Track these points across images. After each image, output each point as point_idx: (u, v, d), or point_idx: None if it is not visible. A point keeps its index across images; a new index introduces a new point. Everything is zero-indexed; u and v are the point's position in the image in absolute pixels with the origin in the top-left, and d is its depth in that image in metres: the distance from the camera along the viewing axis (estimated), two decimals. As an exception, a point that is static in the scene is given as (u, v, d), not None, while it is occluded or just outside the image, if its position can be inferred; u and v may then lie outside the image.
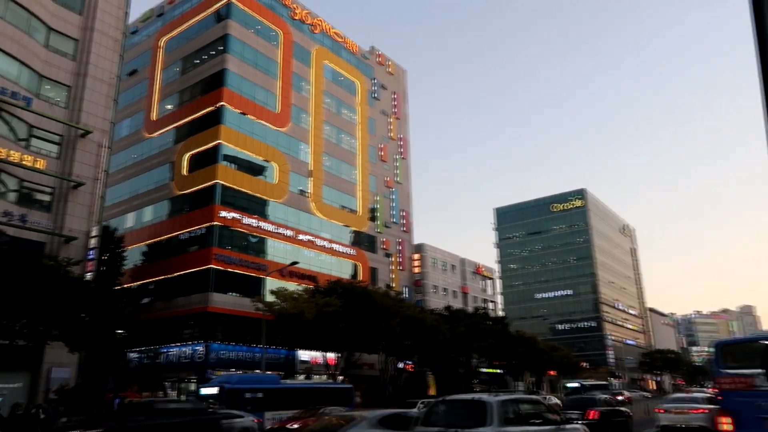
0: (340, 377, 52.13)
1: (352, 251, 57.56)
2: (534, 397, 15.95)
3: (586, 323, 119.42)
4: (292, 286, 44.51)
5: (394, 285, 61.83)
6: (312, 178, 55.00)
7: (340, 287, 39.68)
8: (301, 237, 51.84)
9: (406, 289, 64.22)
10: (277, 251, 49.57)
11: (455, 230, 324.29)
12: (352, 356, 42.82)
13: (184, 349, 43.11)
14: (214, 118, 47.86)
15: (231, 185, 46.87)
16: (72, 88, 39.09)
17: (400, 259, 64.42)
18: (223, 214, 45.34)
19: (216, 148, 46.86)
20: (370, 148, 64.21)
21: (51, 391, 33.29)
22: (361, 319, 37.14)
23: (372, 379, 54.11)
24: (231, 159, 47.66)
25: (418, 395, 54.68)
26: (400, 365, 58.98)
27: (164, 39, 56.79)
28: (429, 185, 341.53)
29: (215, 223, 44.78)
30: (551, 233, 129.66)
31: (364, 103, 64.85)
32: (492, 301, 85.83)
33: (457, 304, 70.22)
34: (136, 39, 60.86)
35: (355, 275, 56.11)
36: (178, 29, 55.50)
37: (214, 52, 50.53)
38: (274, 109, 52.64)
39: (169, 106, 53.29)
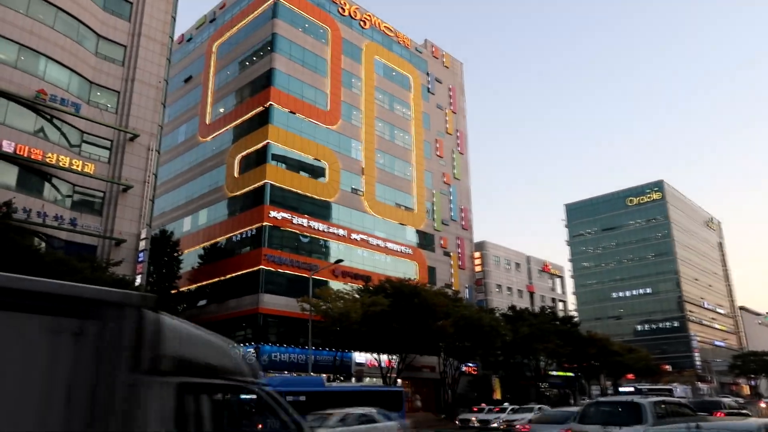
0: (398, 380, 50.53)
1: (408, 250, 55.79)
2: (676, 399, 18.79)
3: (668, 323, 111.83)
4: (347, 287, 43.36)
5: (453, 284, 59.52)
6: (365, 176, 53.73)
7: (389, 286, 38.02)
8: (354, 236, 50.62)
9: (467, 289, 61.73)
10: (330, 251, 48.56)
11: (519, 227, 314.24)
12: (407, 358, 41.02)
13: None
14: (263, 118, 47.53)
15: (281, 185, 46.30)
16: (121, 93, 39.63)
17: (460, 258, 62.00)
18: (273, 214, 44.80)
19: (265, 148, 46.46)
20: (426, 143, 62.27)
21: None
22: (410, 319, 35.32)
23: (433, 382, 52.17)
24: (280, 159, 47.14)
25: (482, 399, 52.19)
26: (463, 368, 56.63)
27: (216, 44, 57.34)
28: (490, 181, 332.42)
29: (265, 223, 44.28)
30: (627, 228, 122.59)
31: (419, 97, 63.01)
32: (562, 301, 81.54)
33: (523, 303, 66.98)
34: (191, 46, 61.92)
35: (412, 275, 54.27)
36: (229, 33, 55.83)
37: (262, 53, 50.30)
38: (324, 107, 51.80)
39: (221, 110, 53.61)
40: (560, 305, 79.25)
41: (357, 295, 35.76)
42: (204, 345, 5.74)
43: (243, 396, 6.34)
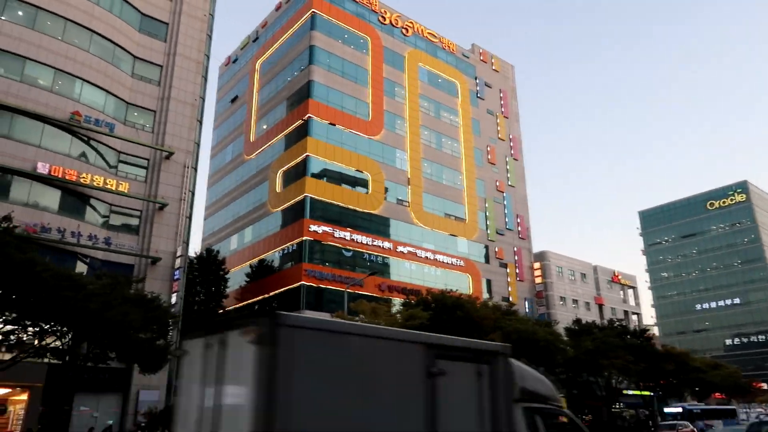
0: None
1: (460, 262, 53.05)
2: None
3: (762, 336, 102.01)
4: (396, 301, 41.28)
5: (511, 297, 56.09)
6: (411, 186, 51.72)
7: (431, 298, 35.59)
8: (400, 249, 48.55)
9: (526, 302, 58.05)
10: (374, 265, 46.68)
11: (584, 236, 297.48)
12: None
13: (279, 370, 41.39)
14: (303, 132, 46.69)
15: (321, 198, 45.08)
16: (157, 112, 39.77)
17: (518, 269, 58.49)
18: (314, 228, 43.53)
19: (305, 161, 45.49)
20: (476, 150, 59.62)
21: (139, 413, 32.92)
22: (453, 334, 32.73)
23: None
24: (320, 172, 45.99)
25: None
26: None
27: (259, 62, 57.49)
28: (549, 188, 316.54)
29: (305, 238, 43.07)
30: (709, 234, 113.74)
31: (467, 103, 60.61)
32: (636, 313, 75.60)
33: (590, 317, 62.31)
34: (236, 67, 62.53)
35: (465, 288, 51.46)
36: (271, 50, 55.82)
37: (301, 66, 49.70)
38: (365, 117, 50.44)
39: (264, 126, 53.37)
40: (634, 318, 73.45)
41: (387, 308, 33.52)
42: (534, 379, 9.24)
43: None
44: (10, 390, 30.81)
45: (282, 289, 44.17)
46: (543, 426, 8.67)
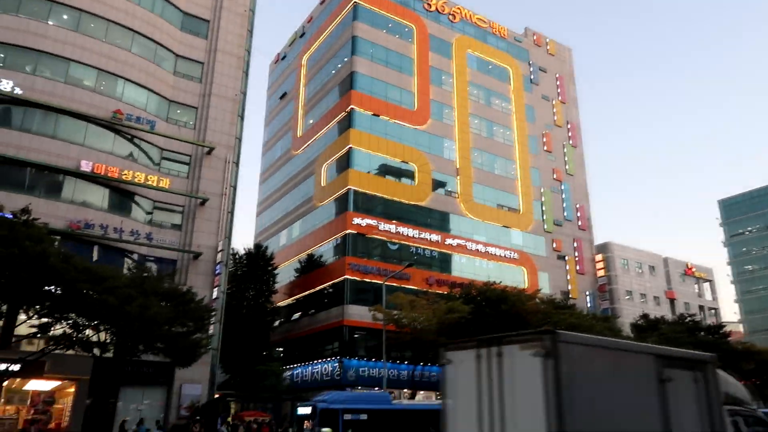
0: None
1: (514, 255, 50.71)
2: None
3: None
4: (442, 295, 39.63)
5: (571, 291, 53.12)
6: (460, 177, 49.88)
7: (474, 291, 33.82)
8: (449, 241, 46.86)
9: (588, 296, 54.83)
10: (422, 258, 45.27)
11: (652, 227, 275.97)
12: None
13: (324, 366, 40.80)
14: (346, 124, 45.91)
15: (365, 191, 44.13)
16: (198, 108, 40.06)
17: (578, 262, 55.36)
18: (357, 221, 42.64)
19: (348, 153, 44.69)
20: (531, 138, 56.90)
21: (182, 407, 33.10)
22: (496, 328, 30.80)
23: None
24: (364, 164, 45.03)
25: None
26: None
27: (305, 57, 57.29)
28: (611, 177, 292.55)
29: (348, 231, 42.24)
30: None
31: (520, 89, 57.98)
32: (713, 309, 70.09)
33: (661, 312, 58.11)
34: (285, 64, 62.69)
35: (520, 282, 49.11)
36: (316, 44, 55.47)
37: (345, 58, 48.93)
38: (410, 107, 49.06)
39: (311, 121, 53.05)
40: (711, 314, 68.08)
41: (426, 302, 31.98)
42: (734, 384, 11.16)
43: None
44: (59, 383, 31.66)
45: (327, 284, 43.59)
46: (745, 426, 10.38)
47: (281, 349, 49.35)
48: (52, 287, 20.66)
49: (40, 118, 33.52)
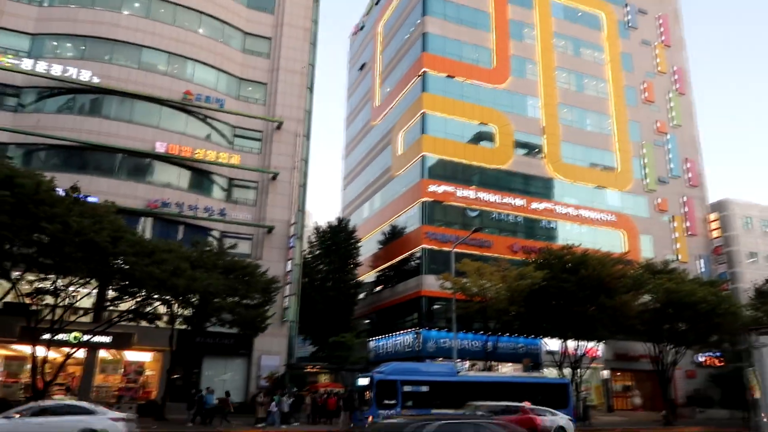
0: (604, 372, 42.41)
1: (610, 217, 46.58)
2: None
3: None
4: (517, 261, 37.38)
5: (680, 255, 48.04)
6: (546, 136, 46.40)
7: (549, 255, 31.14)
8: (535, 205, 43.90)
9: (701, 260, 49.31)
10: (505, 224, 42.82)
11: None
12: (606, 344, 33.28)
13: (404, 337, 40.02)
14: (419, 88, 44.13)
15: (440, 156, 42.33)
16: (268, 84, 40.21)
17: (688, 222, 49.83)
18: (433, 188, 41.03)
19: (421, 119, 42.98)
20: (628, 89, 51.65)
21: (261, 378, 33.81)
22: (573, 296, 28.22)
23: (657, 375, 42.14)
24: (439, 128, 43.10)
25: (729, 398, 40.70)
26: (700, 358, 45.37)
27: (381, 24, 55.88)
28: (731, 126, 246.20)
29: (424, 199, 40.78)
30: None
31: (614, 36, 52.67)
32: None
33: (793, 275, 50.96)
34: (363, 34, 61.66)
35: (618, 246, 45.14)
36: (390, 9, 53.87)
37: (417, 20, 46.92)
38: (488, 66, 46.18)
39: (387, 89, 51.78)
40: None
41: (495, 269, 29.81)
42: None
43: None
44: (151, 354, 33.53)
45: (405, 254, 42.57)
46: None
47: (368, 321, 49.27)
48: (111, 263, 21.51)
49: (117, 104, 35.15)
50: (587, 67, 50.64)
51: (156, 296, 24.41)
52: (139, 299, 25.11)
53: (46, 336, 25.67)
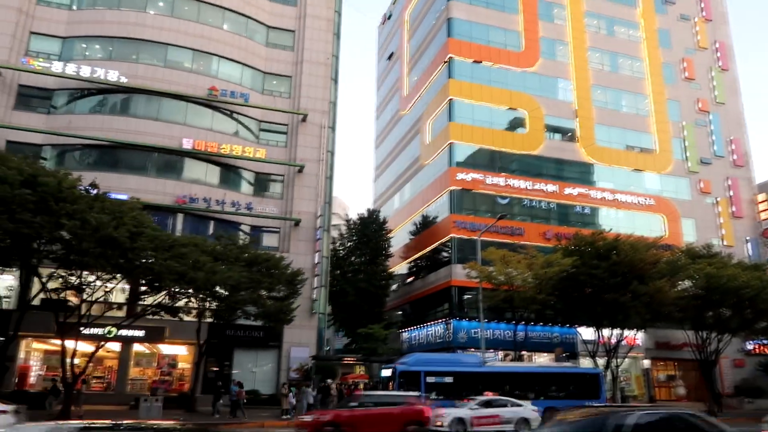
0: (645, 361, 41.00)
1: (649, 201, 44.84)
2: None
3: None
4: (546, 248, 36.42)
5: (725, 239, 45.90)
6: (578, 119, 44.95)
7: (579, 241, 30.05)
8: (568, 191, 42.64)
9: (749, 244, 46.98)
10: (537, 211, 41.76)
11: None
12: (644, 332, 32.06)
13: (435, 328, 39.58)
14: (446, 75, 43.36)
15: (468, 143, 41.54)
16: (292, 76, 40.19)
17: (733, 205, 47.50)
18: (461, 176, 40.32)
19: (448, 105, 42.25)
20: (666, 66, 49.48)
21: (291, 369, 33.98)
22: (604, 282, 27.17)
23: (701, 365, 40.48)
24: (467, 115, 42.27)
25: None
26: (748, 346, 43.37)
27: (408, 12, 55.18)
28: None
29: (452, 187, 40.13)
30: None
31: (650, 12, 50.49)
32: None
33: None
34: (390, 23, 61.06)
35: (658, 231, 43.48)
36: (416, -4, 53.14)
37: (443, 6, 46.06)
38: (516, 49, 44.98)
39: (415, 78, 51.14)
40: None
41: (522, 257, 28.94)
42: None
43: None
44: (186, 347, 34.14)
45: (436, 244, 42.04)
46: None
47: (400, 312, 49.01)
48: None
49: (145, 103, 35.73)
50: (622, 45, 48.74)
51: (178, 290, 24.69)
52: (164, 293, 25.57)
53: (83, 330, 26.64)
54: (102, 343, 25.51)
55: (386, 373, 24.34)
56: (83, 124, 34.19)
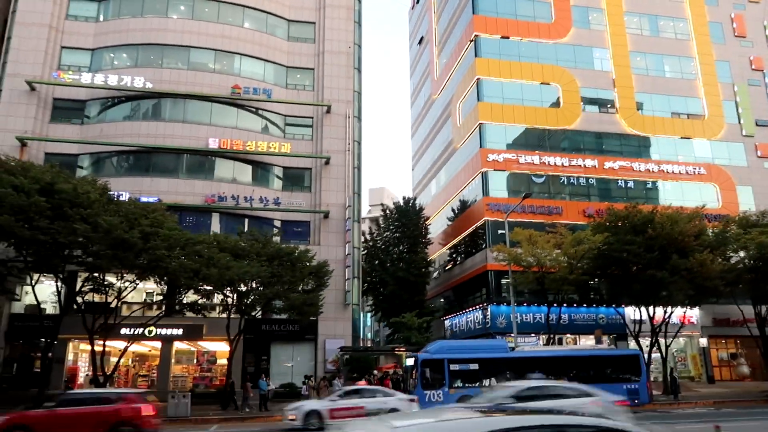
0: (702, 340, 38.66)
1: (699, 170, 42.08)
2: None
3: None
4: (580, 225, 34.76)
5: (788, 206, 42.49)
6: (617, 89, 42.63)
7: (616, 217, 28.33)
8: (608, 165, 40.57)
9: (816, 210, 43.27)
10: (576, 188, 39.97)
11: None
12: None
13: (474, 314, 38.64)
14: (473, 54, 42.05)
15: (499, 123, 40.14)
16: (315, 68, 39.97)
17: (796, 168, 43.94)
18: (493, 157, 39.06)
19: (476, 85, 40.97)
20: (713, 25, 46.16)
21: (328, 362, 33.98)
22: (638, 259, 25.50)
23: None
24: (496, 94, 40.86)
25: None
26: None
27: (434, -7, 53.98)
28: None
29: (483, 169, 38.95)
30: None
31: (692, -32, 47.21)
32: None
33: None
34: (419, 7, 59.90)
35: (711, 202, 40.82)
36: (440, -24, 51.80)
37: (467, -16, 44.65)
38: (546, 20, 43.06)
39: (444, 60, 49.94)
40: None
41: (549, 236, 27.54)
42: None
43: None
44: (225, 344, 34.72)
45: (471, 228, 41.00)
46: None
47: (443, 300, 48.25)
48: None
49: (171, 106, 36.42)
50: (661, 7, 45.80)
51: (199, 287, 25.00)
52: (190, 291, 26.05)
53: (123, 331, 27.71)
54: (129, 344, 26.14)
55: (410, 362, 23.80)
56: (114, 131, 35.19)
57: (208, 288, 24.45)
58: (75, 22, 37.59)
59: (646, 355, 37.08)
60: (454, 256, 45.67)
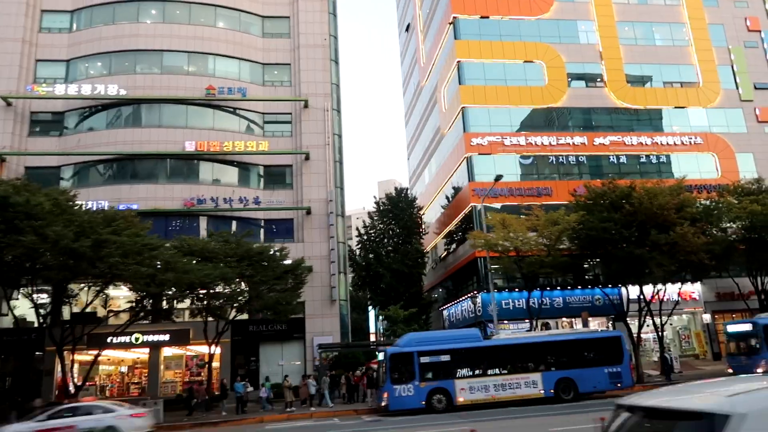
0: (705, 315, 37.31)
1: (696, 139, 40.49)
2: None
3: None
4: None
5: (792, 171, 40.67)
6: (605, 61, 41.19)
7: (594, 195, 27.21)
8: (598, 141, 39.27)
9: (822, 175, 41.37)
10: (566, 167, 38.79)
11: None
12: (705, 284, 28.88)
13: (467, 303, 37.80)
14: (452, 36, 41.02)
15: (482, 105, 39.11)
16: (291, 63, 39.38)
17: (799, 131, 42.00)
18: (477, 141, 38.07)
19: (457, 68, 39.96)
20: (704, -13, 44.34)
21: (316, 359, 33.53)
22: (615, 235, 24.42)
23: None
24: (477, 76, 39.80)
25: None
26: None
27: (417, -22, 52.88)
28: None
29: (467, 154, 37.99)
30: None
31: (680, -71, 45.33)
32: None
33: None
34: (404, -7, 58.87)
35: (709, 172, 39.34)
36: (421, -40, 50.68)
37: (445, -36, 43.56)
38: (527, -4, 41.78)
39: (428, 46, 48.95)
40: None
41: (525, 218, 26.57)
42: None
43: None
44: (216, 347, 34.55)
45: (460, 216, 40.13)
46: None
47: (442, 290, 47.46)
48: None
49: (146, 112, 36.21)
50: (649, -27, 44.08)
51: (150, 293, 24.60)
52: (146, 299, 25.82)
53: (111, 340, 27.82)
54: (99, 351, 26.04)
55: (380, 357, 23.19)
56: (93, 140, 35.14)
57: (168, 293, 24.12)
58: (48, 34, 37.57)
59: (648, 336, 36.26)
60: (447, 245, 44.82)
